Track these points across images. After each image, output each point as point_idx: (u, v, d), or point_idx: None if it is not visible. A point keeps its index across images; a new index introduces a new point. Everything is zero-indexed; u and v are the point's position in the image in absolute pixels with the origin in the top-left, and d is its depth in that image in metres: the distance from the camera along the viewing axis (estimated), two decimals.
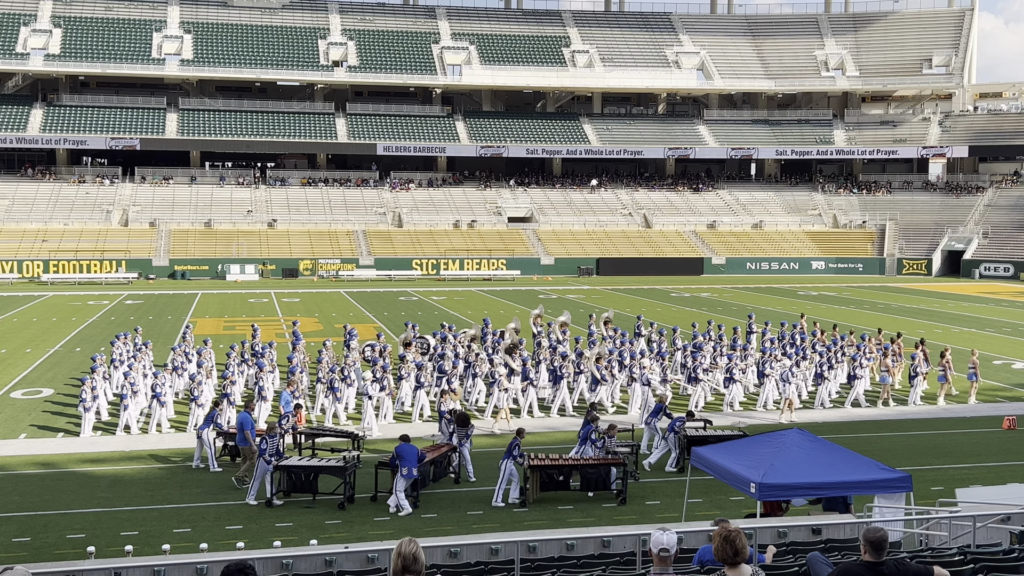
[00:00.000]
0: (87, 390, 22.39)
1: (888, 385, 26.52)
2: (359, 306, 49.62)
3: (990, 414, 25.11)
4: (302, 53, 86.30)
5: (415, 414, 24.24)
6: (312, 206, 77.59)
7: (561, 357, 26.01)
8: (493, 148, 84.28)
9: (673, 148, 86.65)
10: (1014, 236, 74.78)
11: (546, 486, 17.61)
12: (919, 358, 26.42)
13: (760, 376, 26.22)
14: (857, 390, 25.95)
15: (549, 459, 18.10)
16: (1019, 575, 9.07)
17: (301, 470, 17.46)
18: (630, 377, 25.24)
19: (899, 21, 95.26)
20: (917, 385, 26.37)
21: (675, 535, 6.64)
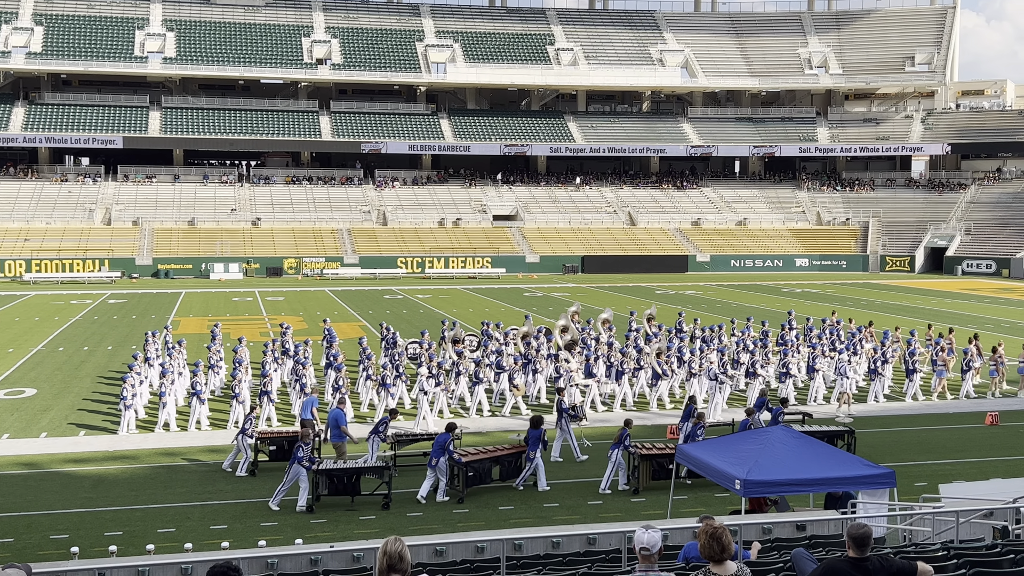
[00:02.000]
0: (128, 388, 22.45)
1: (944, 379, 26.91)
2: (344, 304, 49.52)
3: (973, 410, 25.26)
4: (286, 51, 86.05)
5: (472, 410, 24.41)
6: (296, 204, 77.37)
7: (620, 352, 26.23)
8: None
9: (657, 146, 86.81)
10: (996, 233, 75.23)
11: (656, 475, 18.10)
12: (972, 352, 26.95)
13: (811, 371, 26.44)
14: (913, 383, 26.43)
15: (656, 448, 18.60)
16: (1002, 570, 9.13)
17: (343, 473, 17.30)
18: (689, 372, 25.49)
19: (882, 19, 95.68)
20: (969, 379, 26.83)
21: (658, 533, 6.64)
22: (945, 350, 27.43)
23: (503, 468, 18.51)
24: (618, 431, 18.57)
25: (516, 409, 24.62)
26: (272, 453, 19.59)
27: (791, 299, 52.16)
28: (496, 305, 49.24)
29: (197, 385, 23.01)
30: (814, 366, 26.23)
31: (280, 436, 19.85)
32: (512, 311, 45.56)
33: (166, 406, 22.70)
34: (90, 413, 24.54)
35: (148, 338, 28.53)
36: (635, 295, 54.61)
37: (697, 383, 25.22)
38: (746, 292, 56.63)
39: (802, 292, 57.11)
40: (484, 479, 18.22)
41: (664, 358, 25.69)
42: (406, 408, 24.15)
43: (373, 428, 19.67)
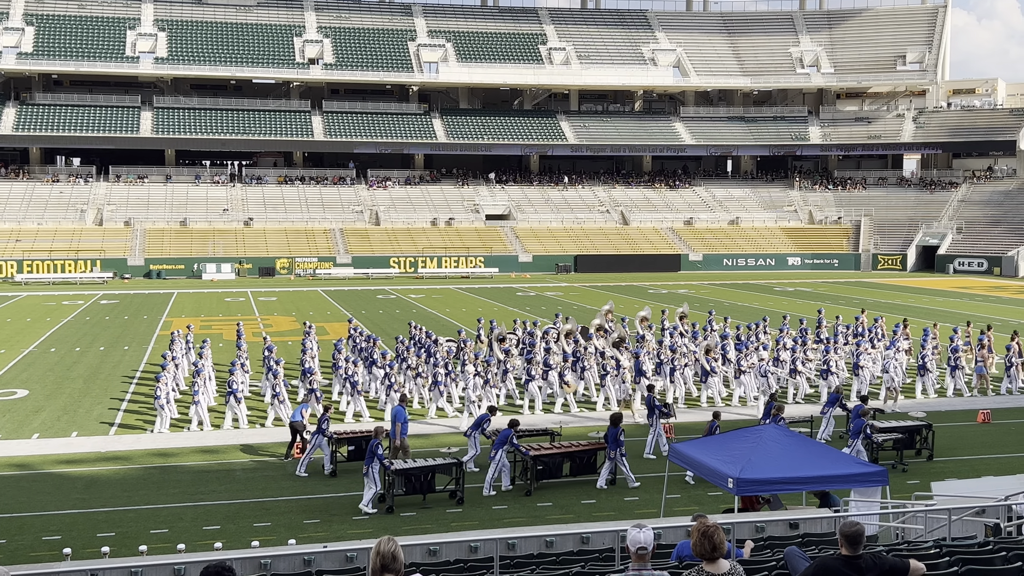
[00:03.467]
0: (162, 387, 22.63)
1: (986, 376, 27.17)
2: (336, 304, 49.48)
3: (965, 408, 25.32)
4: (277, 51, 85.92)
5: (525, 406, 24.68)
6: (288, 204, 77.27)
7: (670, 350, 26.36)
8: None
9: (650, 145, 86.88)
10: (988, 231, 75.44)
11: None
12: (1014, 349, 27.17)
13: (856, 368, 26.58)
14: (958, 380, 26.68)
15: None
16: (993, 567, 9.15)
17: (420, 471, 17.32)
18: (738, 369, 25.65)
19: (873, 18, 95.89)
20: (1015, 376, 27.11)
21: (651, 532, 6.66)
22: (986, 347, 27.73)
23: (574, 464, 18.65)
24: (707, 424, 19.09)
25: (567, 406, 24.83)
26: (350, 453, 19.61)
27: (783, 298, 52.25)
28: (489, 305, 49.22)
29: (234, 384, 23.09)
30: (859, 363, 26.46)
31: (358, 436, 19.83)
32: (505, 311, 45.56)
33: (199, 404, 22.86)
34: (83, 413, 24.49)
35: (174, 337, 28.48)
36: (628, 294, 54.64)
37: (747, 380, 25.54)
38: (739, 291, 56.70)
39: (794, 291, 57.21)
40: (555, 474, 18.38)
41: (714, 355, 25.93)
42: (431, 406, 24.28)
43: (474, 424, 19.62)
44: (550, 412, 24.54)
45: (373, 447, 16.94)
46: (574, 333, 29.10)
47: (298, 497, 17.73)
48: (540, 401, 24.84)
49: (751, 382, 25.49)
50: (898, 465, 19.24)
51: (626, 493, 17.96)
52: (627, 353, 25.84)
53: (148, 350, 34.57)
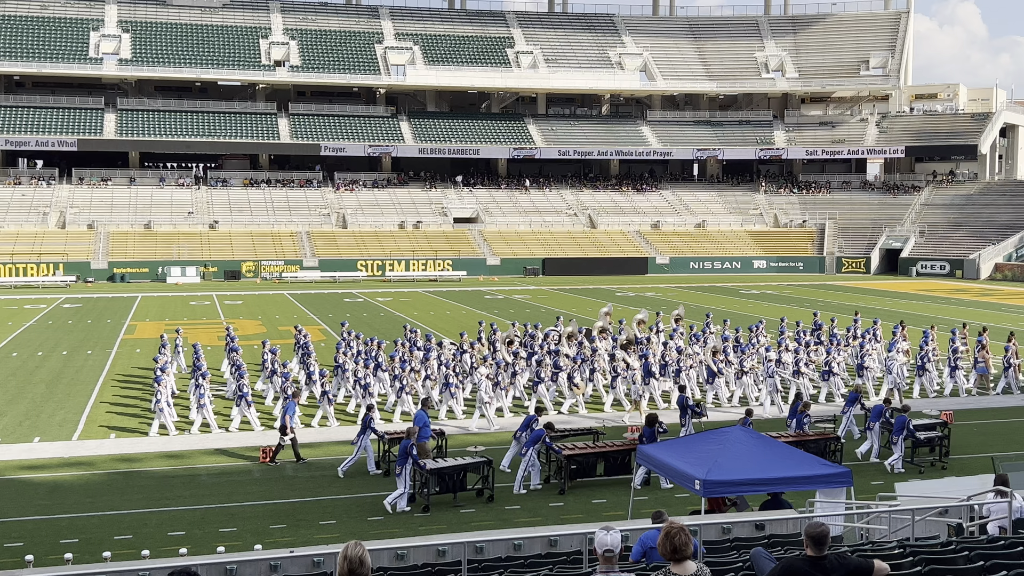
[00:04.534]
0: (163, 390, 22.76)
1: (986, 376, 27.66)
2: (303, 308, 49.22)
3: (927, 409, 25.59)
4: (243, 53, 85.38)
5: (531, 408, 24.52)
6: (254, 207, 76.79)
7: (676, 352, 26.72)
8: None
9: (617, 149, 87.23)
10: (950, 235, 76.40)
11: None
12: (1012, 350, 27.69)
13: (860, 369, 27.08)
14: (958, 380, 27.26)
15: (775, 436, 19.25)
16: (956, 566, 9.27)
17: (452, 470, 17.54)
18: (740, 371, 26.02)
19: (837, 23, 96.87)
20: (1012, 376, 27.60)
21: (618, 535, 6.67)
22: (985, 347, 28.22)
23: (608, 464, 18.82)
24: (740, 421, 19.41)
25: (575, 407, 25.00)
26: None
27: (750, 300, 52.61)
28: (457, 308, 49.18)
29: (243, 387, 23.04)
30: (863, 364, 26.90)
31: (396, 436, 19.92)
32: (474, 313, 45.53)
33: (204, 407, 22.85)
34: (45, 419, 24.19)
35: (165, 341, 28.31)
36: (596, 297, 54.79)
37: (748, 381, 25.96)
38: (705, 294, 57.03)
39: (760, 294, 57.63)
40: (588, 473, 18.58)
41: (720, 356, 26.25)
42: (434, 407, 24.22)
43: (522, 425, 19.42)
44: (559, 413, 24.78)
45: (407, 447, 17.10)
46: (576, 336, 29.27)
47: (264, 502, 17.63)
48: (549, 403, 24.91)
49: (752, 383, 26.00)
50: (937, 463, 19.49)
51: (595, 495, 18.01)
52: (635, 355, 26.12)
53: (112, 354, 34.21)
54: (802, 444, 19.33)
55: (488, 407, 23.12)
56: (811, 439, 19.94)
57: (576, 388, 25.21)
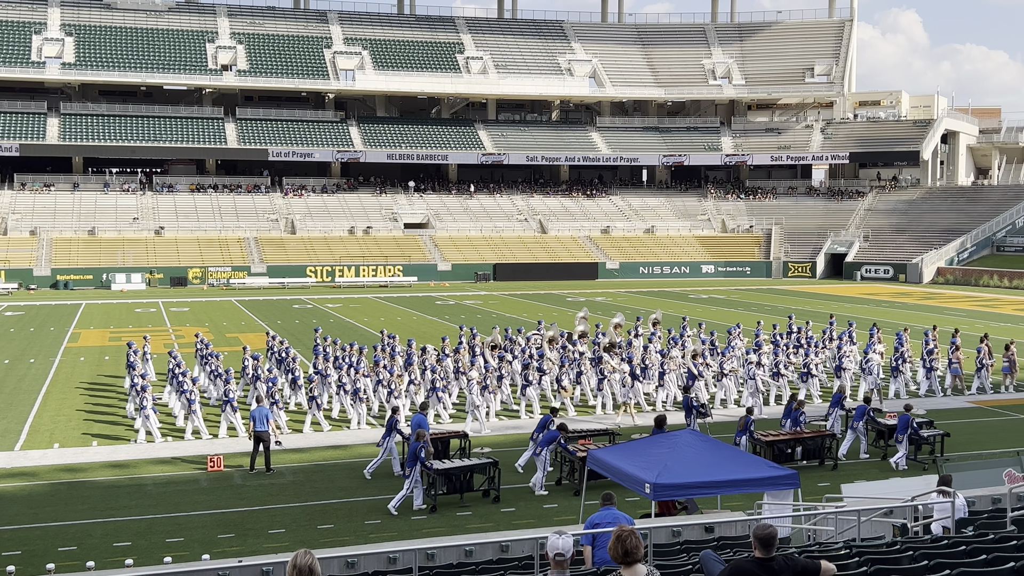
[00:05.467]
0: (148, 398, 22.53)
1: (960, 376, 28.25)
2: (251, 315, 48.73)
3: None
4: (189, 57, 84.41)
5: (522, 410, 25.09)
6: (201, 213, 75.91)
7: (660, 355, 27.09)
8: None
9: (567, 155, 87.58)
10: (893, 239, 77.72)
11: (777, 458, 19.27)
12: (984, 351, 28.28)
13: (838, 370, 27.59)
14: (932, 381, 27.96)
15: (771, 435, 20.35)
16: (901, 566, 9.41)
17: (460, 471, 17.82)
18: (720, 373, 26.46)
19: (782, 31, 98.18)
20: (983, 376, 28.22)
21: (570, 539, 6.69)
22: (959, 348, 28.79)
23: None
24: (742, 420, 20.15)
25: (563, 409, 25.10)
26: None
27: (698, 305, 53.06)
28: (408, 314, 49.02)
29: (230, 393, 22.88)
30: (842, 365, 27.41)
31: (436, 437, 20.16)
32: (425, 319, 45.42)
33: (196, 413, 22.74)
34: None
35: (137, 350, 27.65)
36: (547, 302, 54.93)
37: (728, 383, 26.37)
38: (655, 298, 57.41)
39: (708, 298, 58.15)
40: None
41: (700, 359, 26.67)
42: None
43: (538, 427, 19.52)
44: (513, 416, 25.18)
45: (416, 450, 17.34)
46: (558, 339, 29.47)
47: (212, 511, 17.41)
48: (537, 405, 25.14)
49: (732, 385, 26.50)
50: (938, 459, 19.87)
51: (546, 500, 18.04)
52: (617, 357, 26.46)
53: (55, 363, 33.61)
54: (799, 441, 20.35)
55: (479, 410, 23.40)
56: (807, 436, 20.53)
57: (564, 391, 25.56)
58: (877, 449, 21.54)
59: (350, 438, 22.92)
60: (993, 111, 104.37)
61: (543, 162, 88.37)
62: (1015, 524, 12.21)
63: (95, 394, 28.16)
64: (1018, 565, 8.82)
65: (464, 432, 21.27)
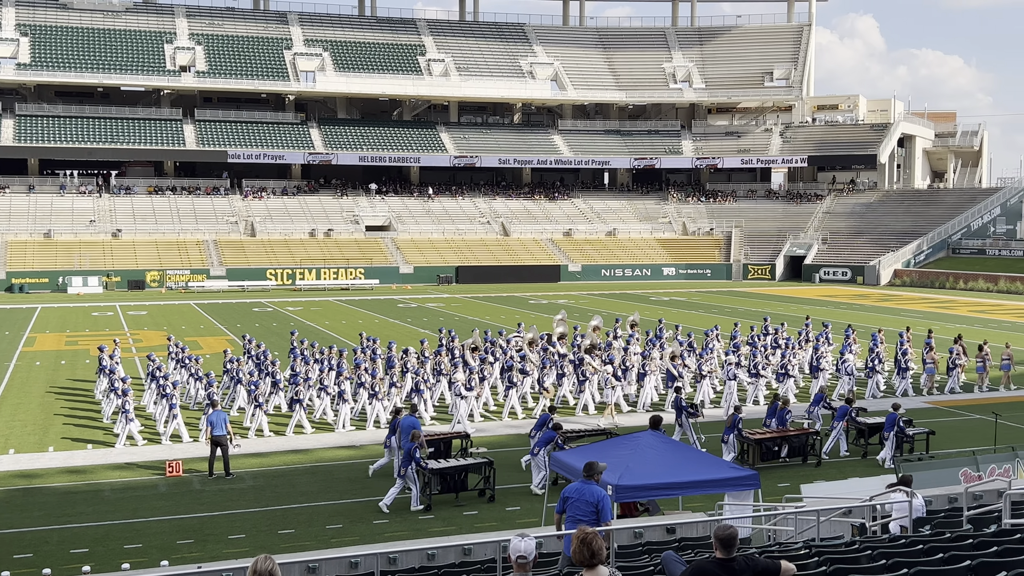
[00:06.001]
0: (130, 401, 22.41)
1: (933, 376, 28.69)
2: (210, 318, 48.29)
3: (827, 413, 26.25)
4: (147, 58, 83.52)
5: (505, 412, 25.17)
6: (159, 215, 75.11)
7: (641, 356, 27.51)
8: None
9: (530, 157, 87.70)
10: (851, 242, 78.64)
11: (764, 456, 20.41)
12: (957, 351, 28.78)
13: (815, 371, 27.94)
14: (906, 381, 28.41)
15: (759, 433, 20.94)
16: (859, 565, 9.51)
17: (454, 471, 18.06)
18: (699, 374, 26.79)
19: (742, 35, 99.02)
20: (956, 376, 28.78)
21: (532, 541, 6.68)
22: (933, 349, 29.26)
23: None
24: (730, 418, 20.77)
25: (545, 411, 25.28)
26: (430, 455, 19.73)
27: (659, 307, 53.33)
28: (370, 317, 48.81)
29: (213, 395, 22.56)
30: (819, 366, 27.82)
31: (438, 438, 20.58)
32: (387, 322, 45.25)
33: (177, 417, 22.62)
34: None
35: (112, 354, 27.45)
36: (509, 305, 54.95)
37: (706, 384, 26.70)
38: (617, 301, 57.63)
39: (670, 300, 58.48)
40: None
41: (679, 361, 27.06)
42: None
43: (537, 424, 19.82)
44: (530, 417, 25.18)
45: (411, 450, 17.56)
46: (538, 342, 29.65)
47: (171, 517, 17.21)
48: (520, 407, 25.33)
49: (708, 386, 26.85)
50: (924, 456, 20.07)
51: (508, 503, 18.03)
52: (599, 359, 26.67)
53: (10, 368, 33.09)
54: (786, 439, 20.85)
55: (463, 408, 23.64)
56: (793, 434, 21.06)
57: (545, 392, 25.72)
58: (858, 447, 21.94)
59: (311, 442, 22.78)
60: (948, 115, 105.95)
61: (506, 164, 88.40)
62: (971, 523, 12.39)
63: (52, 399, 27.75)
64: (974, 563, 8.95)
65: (466, 432, 21.52)
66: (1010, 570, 8.49)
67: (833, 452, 21.65)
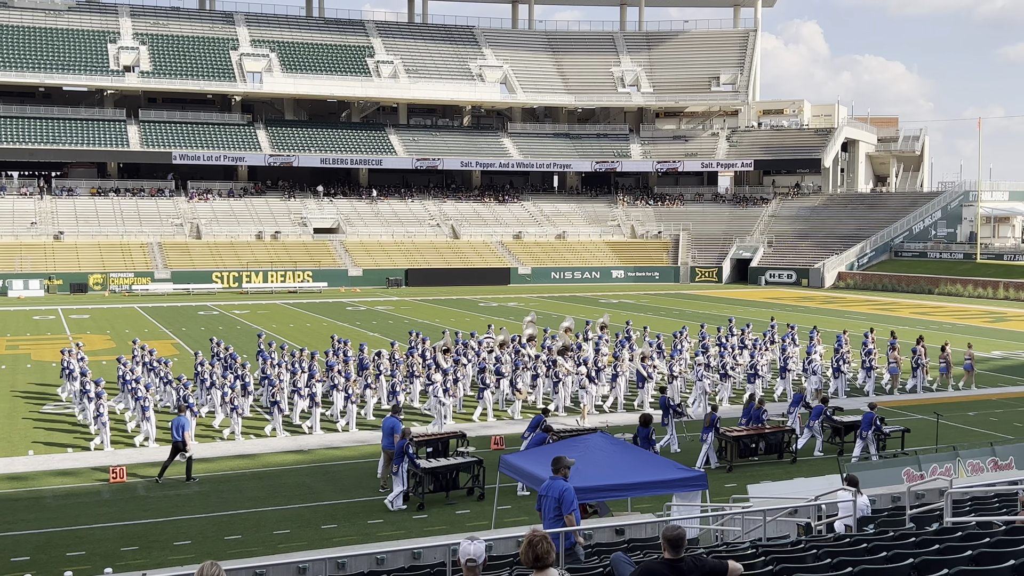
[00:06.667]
0: (104, 404, 22.22)
1: (897, 376, 29.45)
2: (155, 322, 47.60)
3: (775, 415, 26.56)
4: (91, 57, 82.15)
5: (476, 413, 25.40)
6: (102, 217, 73.87)
7: (614, 357, 27.93)
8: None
9: (480, 160, 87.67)
10: (795, 245, 79.68)
11: (742, 453, 21.08)
12: (920, 352, 29.65)
13: (783, 371, 28.83)
14: (870, 381, 29.18)
15: (735, 431, 21.49)
16: (805, 564, 9.62)
17: (445, 470, 18.40)
18: (670, 375, 27.16)
19: (689, 40, 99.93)
20: (920, 376, 29.72)
21: (482, 544, 6.66)
22: (897, 350, 29.87)
23: None
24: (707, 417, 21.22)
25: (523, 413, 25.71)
26: (428, 454, 20.11)
27: (608, 309, 53.57)
28: (318, 320, 48.44)
29: (188, 398, 22.63)
30: (786, 366, 28.65)
31: (437, 437, 21.02)
32: (335, 325, 44.94)
33: (150, 420, 22.51)
34: None
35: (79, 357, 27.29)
36: (460, 308, 54.86)
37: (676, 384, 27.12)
38: (566, 303, 57.82)
39: (619, 302, 58.80)
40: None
41: (649, 362, 27.54)
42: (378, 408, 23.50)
43: (530, 426, 20.07)
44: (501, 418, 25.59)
45: (404, 447, 17.86)
46: (508, 344, 29.89)
47: (115, 524, 16.93)
48: (491, 408, 25.60)
49: (678, 387, 27.32)
50: (899, 454, 20.36)
51: (458, 507, 17.99)
52: (571, 361, 27.11)
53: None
54: (762, 436, 21.54)
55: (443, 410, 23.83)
56: (769, 432, 21.72)
57: (519, 393, 26.11)
58: (833, 446, 22.47)
59: (258, 447, 22.55)
60: (891, 120, 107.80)
61: (456, 167, 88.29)
62: (913, 521, 12.60)
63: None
64: (917, 561, 9.10)
65: (462, 432, 21.74)
66: (951, 567, 8.65)
67: (806, 451, 22.18)
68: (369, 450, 22.29)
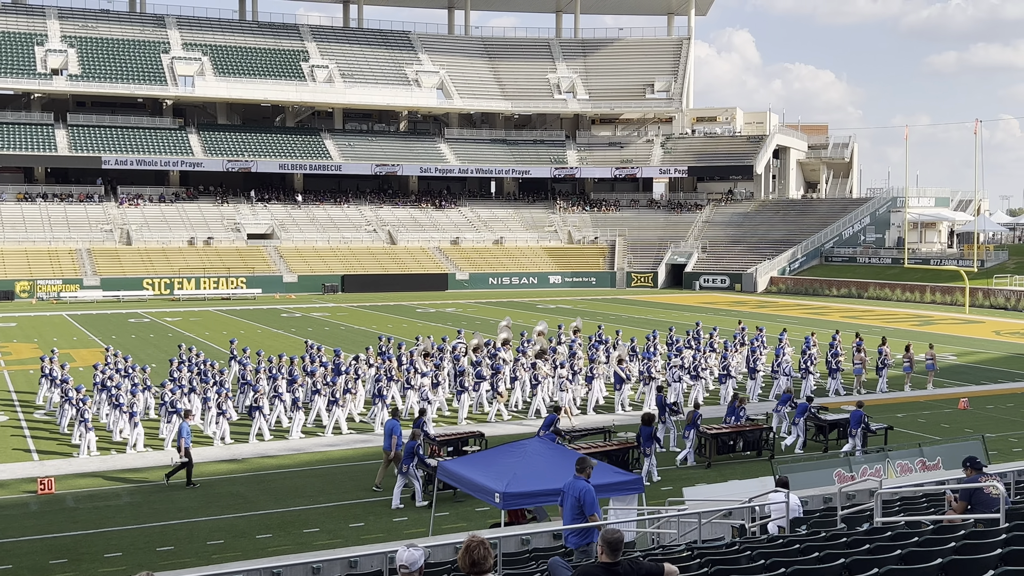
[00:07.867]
0: (88, 410, 22.17)
1: (861, 376, 30.04)
2: (83, 330, 46.60)
3: (713, 416, 26.86)
4: (16, 60, 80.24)
5: (461, 416, 25.72)
6: (29, 223, 72.14)
7: (591, 359, 28.78)
8: (241, 162, 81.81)
9: (416, 165, 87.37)
10: (728, 250, 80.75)
11: (720, 449, 21.76)
12: (885, 352, 30.61)
13: (752, 372, 29.55)
14: (836, 381, 30.09)
15: (715, 429, 22.18)
16: (740, 566, 9.73)
17: None
18: (648, 376, 27.50)
19: (624, 48, 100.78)
20: (884, 376, 30.61)
21: (420, 551, 6.63)
22: (863, 351, 30.64)
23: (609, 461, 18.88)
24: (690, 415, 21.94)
25: (499, 415, 26.12)
26: (449, 454, 20.40)
27: (546, 314, 53.70)
28: (252, 327, 47.84)
29: (175, 404, 22.41)
30: (755, 367, 29.26)
31: (455, 437, 21.66)
32: (269, 332, 44.42)
33: (138, 426, 22.38)
34: None
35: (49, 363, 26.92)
36: (397, 314, 54.60)
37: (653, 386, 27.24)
38: (504, 308, 57.85)
39: (556, 308, 59.01)
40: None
41: (625, 364, 28.04)
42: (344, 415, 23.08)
43: (544, 424, 20.45)
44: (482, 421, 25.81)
45: (414, 448, 18.15)
46: (482, 348, 30.08)
47: (43, 536, 16.53)
48: (465, 411, 25.90)
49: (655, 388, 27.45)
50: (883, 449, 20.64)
51: (395, 515, 17.90)
52: (549, 363, 27.48)
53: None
54: (740, 434, 22.33)
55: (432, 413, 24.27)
56: (748, 429, 22.49)
57: (499, 396, 26.49)
58: (818, 443, 23.05)
59: (194, 456, 22.14)
60: (821, 128, 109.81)
61: (392, 172, 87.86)
62: (845, 522, 12.83)
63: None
64: (848, 561, 9.26)
65: (480, 432, 22.17)
66: (882, 567, 8.82)
67: (790, 449, 22.79)
68: (305, 458, 22.08)
